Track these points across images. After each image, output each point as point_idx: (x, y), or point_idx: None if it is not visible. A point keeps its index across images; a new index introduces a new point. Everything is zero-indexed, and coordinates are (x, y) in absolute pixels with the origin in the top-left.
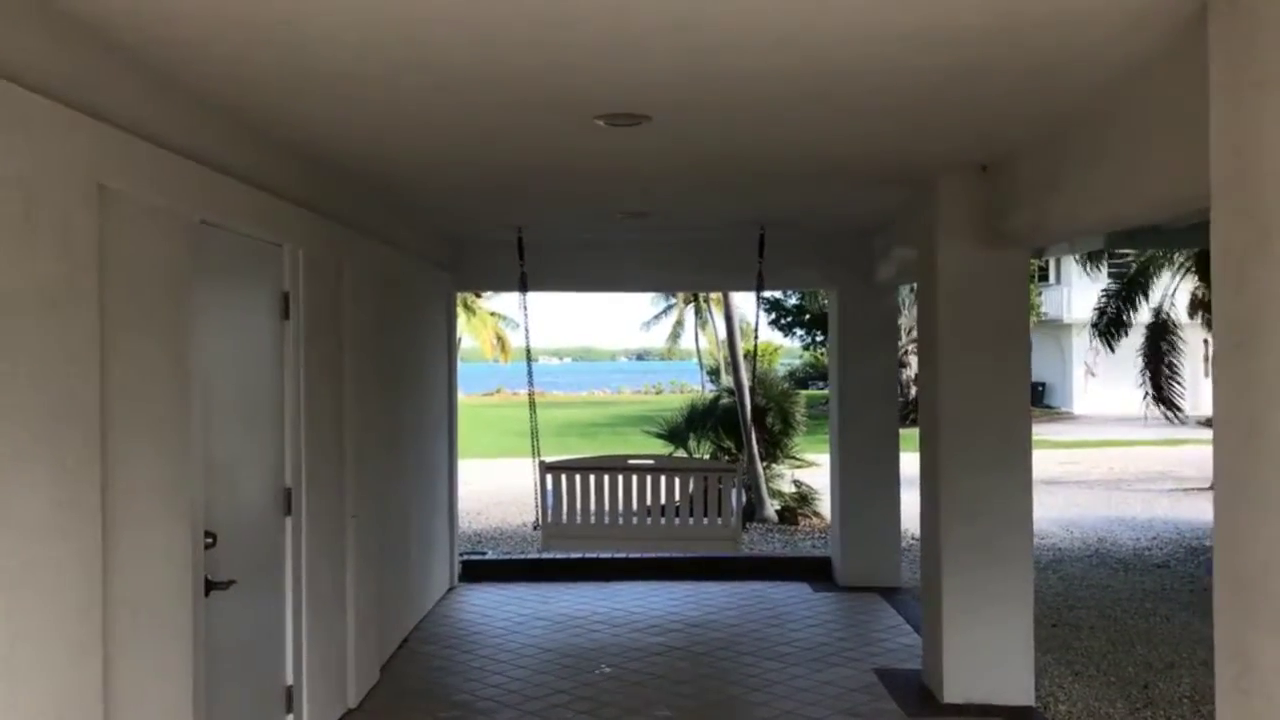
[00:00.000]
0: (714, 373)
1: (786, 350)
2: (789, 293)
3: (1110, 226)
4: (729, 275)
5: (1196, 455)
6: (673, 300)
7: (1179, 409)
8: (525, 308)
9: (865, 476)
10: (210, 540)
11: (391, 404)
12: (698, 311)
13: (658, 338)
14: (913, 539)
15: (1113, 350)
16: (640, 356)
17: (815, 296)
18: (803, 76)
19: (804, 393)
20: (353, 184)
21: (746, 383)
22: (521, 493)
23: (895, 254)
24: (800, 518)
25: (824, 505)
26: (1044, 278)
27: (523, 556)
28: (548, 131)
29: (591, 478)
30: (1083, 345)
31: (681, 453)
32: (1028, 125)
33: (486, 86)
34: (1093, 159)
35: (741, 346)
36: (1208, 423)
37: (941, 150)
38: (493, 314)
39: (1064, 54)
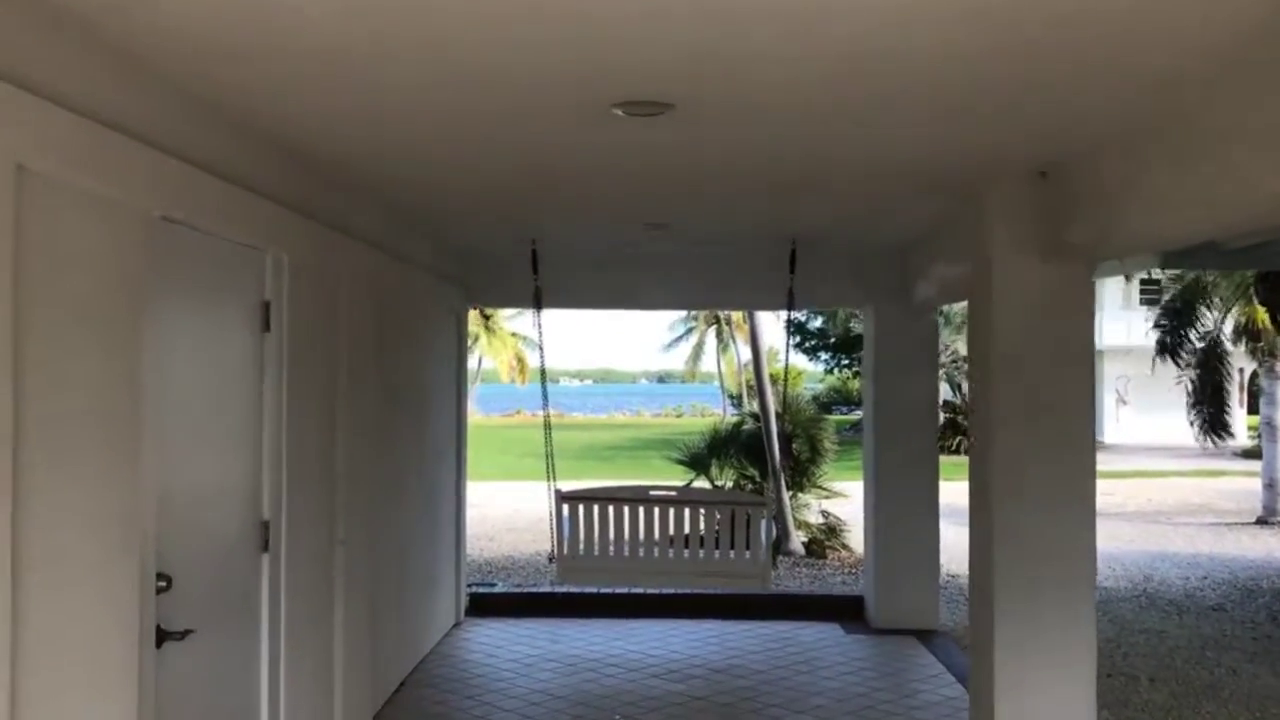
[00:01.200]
0: (735, 397)
1: (809, 374)
2: (810, 315)
3: (1202, 236)
4: (756, 293)
5: (1236, 487)
6: (694, 322)
7: (1230, 433)
8: (539, 325)
9: (902, 508)
10: (164, 583)
11: (391, 426)
12: (719, 334)
13: (678, 360)
14: (949, 576)
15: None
16: (661, 379)
17: (836, 318)
18: (844, 61)
19: (830, 418)
20: (346, 185)
21: (773, 407)
22: (536, 518)
23: (937, 271)
24: (829, 551)
25: (853, 538)
26: None
27: (534, 590)
28: (560, 122)
29: (611, 509)
30: (1114, 373)
31: (703, 480)
32: (1103, 120)
33: (488, 67)
34: (1183, 159)
35: (766, 370)
36: (1247, 454)
37: (998, 147)
38: (514, 334)
39: (1154, 33)
